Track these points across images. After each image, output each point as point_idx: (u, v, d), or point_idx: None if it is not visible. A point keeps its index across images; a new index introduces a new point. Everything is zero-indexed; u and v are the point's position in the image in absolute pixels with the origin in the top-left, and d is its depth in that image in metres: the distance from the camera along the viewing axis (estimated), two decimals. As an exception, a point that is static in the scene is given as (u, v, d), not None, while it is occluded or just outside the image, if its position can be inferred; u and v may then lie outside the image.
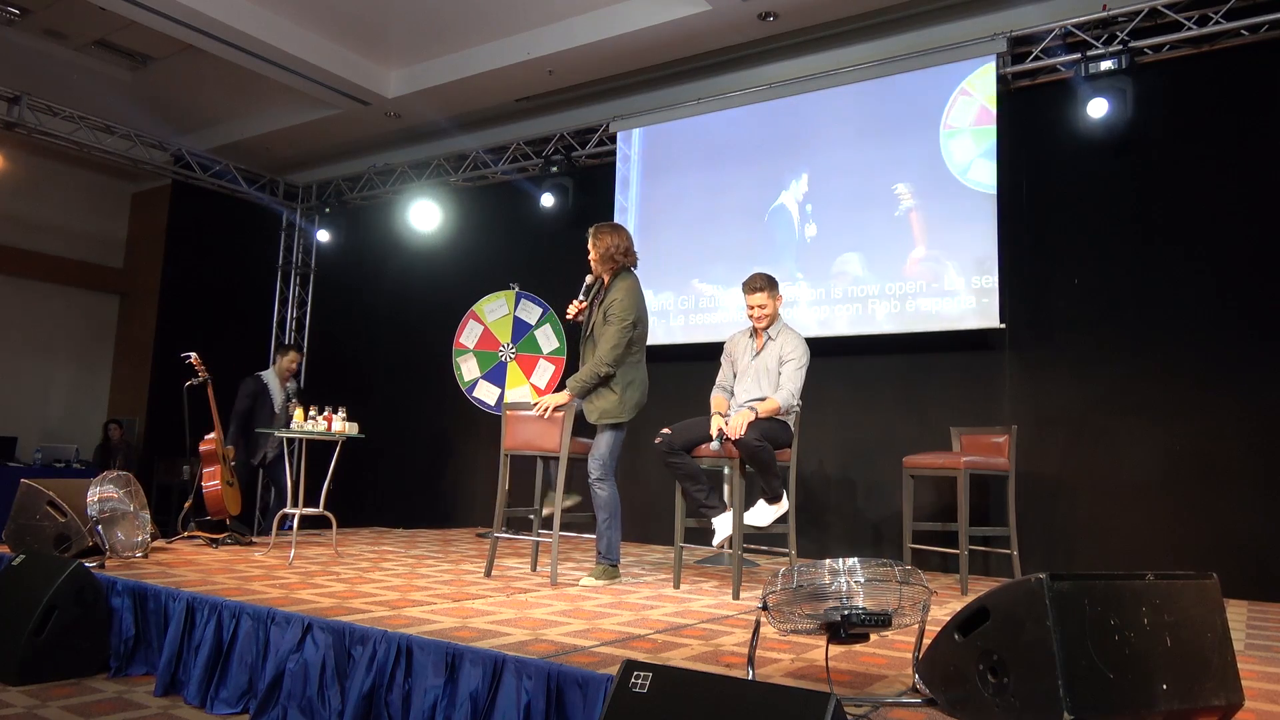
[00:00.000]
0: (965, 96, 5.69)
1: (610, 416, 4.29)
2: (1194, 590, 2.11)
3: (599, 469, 4.30)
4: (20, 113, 7.40)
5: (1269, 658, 3.07)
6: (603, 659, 2.54)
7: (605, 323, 4.31)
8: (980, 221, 5.51)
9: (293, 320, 9.53)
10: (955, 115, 5.73)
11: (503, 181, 8.02)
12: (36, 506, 4.23)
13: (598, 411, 4.31)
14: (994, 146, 5.53)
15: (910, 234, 5.78)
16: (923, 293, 5.65)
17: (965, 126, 5.67)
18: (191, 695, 3.12)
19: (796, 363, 4.19)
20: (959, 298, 5.52)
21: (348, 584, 3.87)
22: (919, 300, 5.66)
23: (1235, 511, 4.75)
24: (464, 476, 7.95)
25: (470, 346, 7.07)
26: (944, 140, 5.74)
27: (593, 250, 4.40)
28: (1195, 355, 4.98)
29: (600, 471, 4.29)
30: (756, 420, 3.96)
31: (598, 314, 4.37)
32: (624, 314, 4.25)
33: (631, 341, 4.31)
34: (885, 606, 2.14)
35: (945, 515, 5.05)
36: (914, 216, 5.78)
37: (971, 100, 5.67)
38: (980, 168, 5.57)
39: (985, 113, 5.60)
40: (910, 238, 5.77)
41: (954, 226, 5.62)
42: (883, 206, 5.90)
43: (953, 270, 5.56)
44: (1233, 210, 4.99)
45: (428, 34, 7.02)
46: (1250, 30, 4.96)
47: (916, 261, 5.73)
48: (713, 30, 6.24)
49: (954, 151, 5.69)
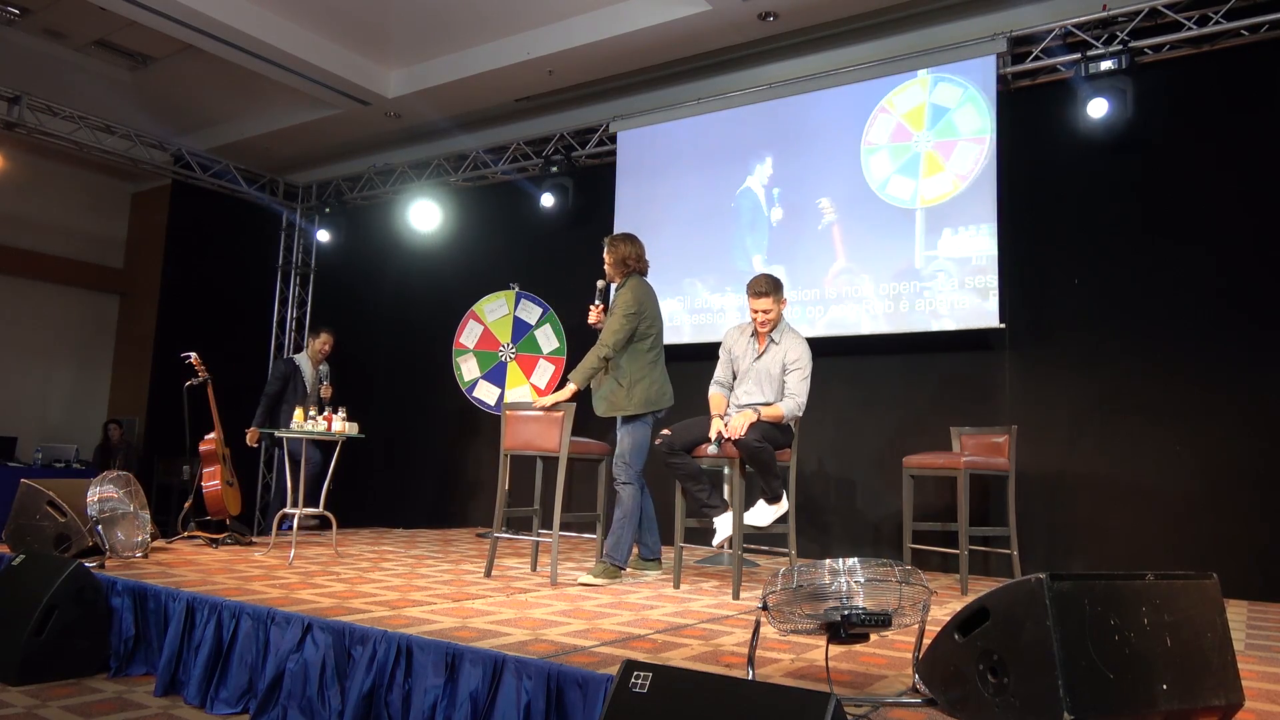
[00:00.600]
0: (884, 114, 5.95)
1: (618, 409, 4.42)
2: (1194, 590, 2.11)
3: (622, 471, 4.40)
4: (20, 113, 7.40)
5: (1269, 658, 3.07)
6: (603, 659, 2.54)
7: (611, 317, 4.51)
8: (899, 237, 5.77)
9: (293, 320, 9.53)
10: (875, 133, 5.98)
11: (503, 181, 8.02)
12: (36, 506, 4.23)
13: (605, 403, 4.48)
14: (913, 161, 5.81)
15: (832, 247, 6.05)
16: (923, 292, 5.65)
17: (883, 144, 5.92)
18: (191, 695, 3.12)
19: (803, 372, 4.15)
20: (959, 297, 5.52)
21: (348, 584, 3.87)
22: (919, 300, 5.66)
23: (1235, 511, 4.75)
24: (464, 476, 7.95)
25: (470, 346, 7.07)
26: (864, 156, 6.00)
27: (608, 257, 4.65)
28: (1195, 355, 4.98)
29: (624, 474, 4.39)
30: (757, 422, 3.96)
31: (609, 315, 4.57)
32: (627, 306, 4.45)
33: (640, 337, 4.47)
34: (885, 606, 2.14)
35: (945, 515, 5.05)
36: (836, 229, 6.08)
37: (890, 118, 5.93)
38: (898, 183, 5.83)
39: (902, 130, 5.87)
40: (832, 250, 6.04)
41: (873, 241, 5.89)
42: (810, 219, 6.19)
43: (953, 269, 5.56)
44: (1233, 210, 4.99)
45: (428, 34, 7.02)
46: (1250, 30, 4.96)
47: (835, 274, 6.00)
48: (713, 30, 6.24)
49: (873, 168, 5.94)
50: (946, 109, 5.77)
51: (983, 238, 5.48)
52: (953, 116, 5.74)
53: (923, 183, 5.75)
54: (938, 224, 5.67)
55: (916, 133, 5.84)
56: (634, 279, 4.60)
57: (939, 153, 5.75)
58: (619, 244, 4.64)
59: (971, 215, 5.55)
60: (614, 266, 4.64)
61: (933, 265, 5.65)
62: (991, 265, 5.41)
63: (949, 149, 5.72)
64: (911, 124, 5.87)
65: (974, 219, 5.53)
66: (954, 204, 5.62)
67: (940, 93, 5.81)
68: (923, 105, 5.84)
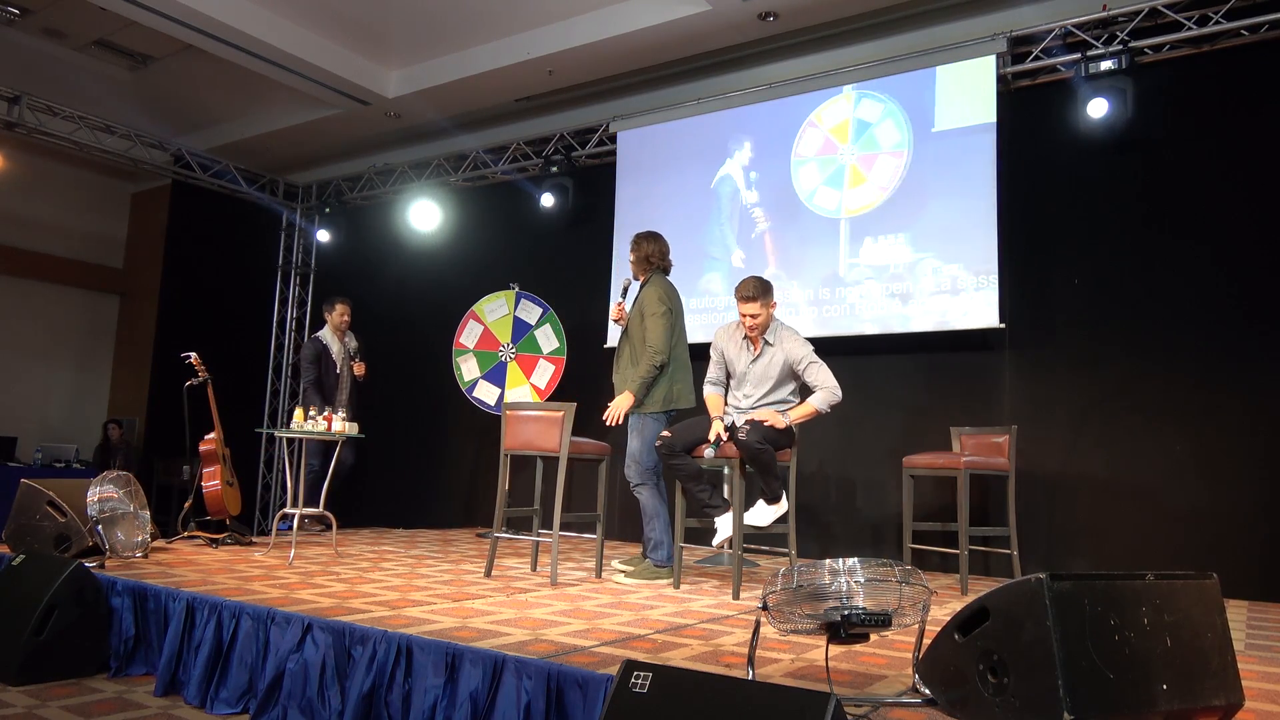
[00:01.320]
0: (812, 129, 6.23)
1: (635, 406, 4.46)
2: (1194, 590, 2.11)
3: (635, 473, 4.45)
4: (20, 113, 7.40)
5: (1269, 658, 3.07)
6: (603, 659, 2.54)
7: (642, 320, 4.54)
8: (824, 245, 6.06)
9: (293, 320, 9.53)
10: (803, 146, 6.26)
11: (503, 181, 8.02)
12: (36, 506, 4.23)
13: None
14: (838, 173, 6.08)
15: (764, 254, 6.30)
16: (923, 292, 5.65)
17: (811, 156, 6.20)
18: (191, 695, 3.12)
19: (817, 362, 4.11)
20: (959, 297, 5.52)
21: (348, 584, 3.87)
22: (919, 300, 5.66)
23: (1235, 511, 4.75)
24: (464, 476, 7.94)
25: (470, 346, 7.07)
26: (794, 168, 6.28)
27: (632, 255, 4.72)
28: (1196, 355, 4.98)
29: (638, 477, 4.43)
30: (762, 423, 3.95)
31: (634, 312, 4.62)
32: (655, 304, 4.50)
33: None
34: (885, 606, 2.14)
35: (945, 515, 5.05)
36: (768, 237, 6.33)
37: (818, 132, 6.20)
38: (824, 194, 6.11)
39: (830, 144, 6.15)
40: (764, 258, 6.28)
41: (801, 249, 6.17)
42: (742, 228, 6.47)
43: (952, 270, 5.56)
44: (1233, 210, 4.99)
45: (428, 34, 7.02)
46: (1250, 30, 4.96)
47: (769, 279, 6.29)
48: (713, 30, 6.24)
49: (802, 179, 6.21)
50: (869, 124, 6.05)
51: (901, 246, 5.77)
52: (874, 131, 6.01)
53: (847, 193, 6.05)
54: (860, 233, 5.96)
55: (842, 146, 6.13)
56: (658, 276, 4.66)
57: (861, 166, 6.03)
58: (643, 242, 4.71)
59: (891, 225, 5.84)
60: (638, 264, 4.70)
61: (855, 272, 5.93)
62: (992, 265, 5.41)
63: (870, 162, 6.00)
64: (838, 138, 6.15)
65: (894, 229, 5.82)
66: (875, 214, 5.91)
67: (864, 108, 6.08)
68: (848, 120, 6.14)
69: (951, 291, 5.57)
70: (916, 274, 5.70)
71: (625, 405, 4.46)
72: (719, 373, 4.40)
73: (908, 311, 5.70)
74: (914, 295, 5.68)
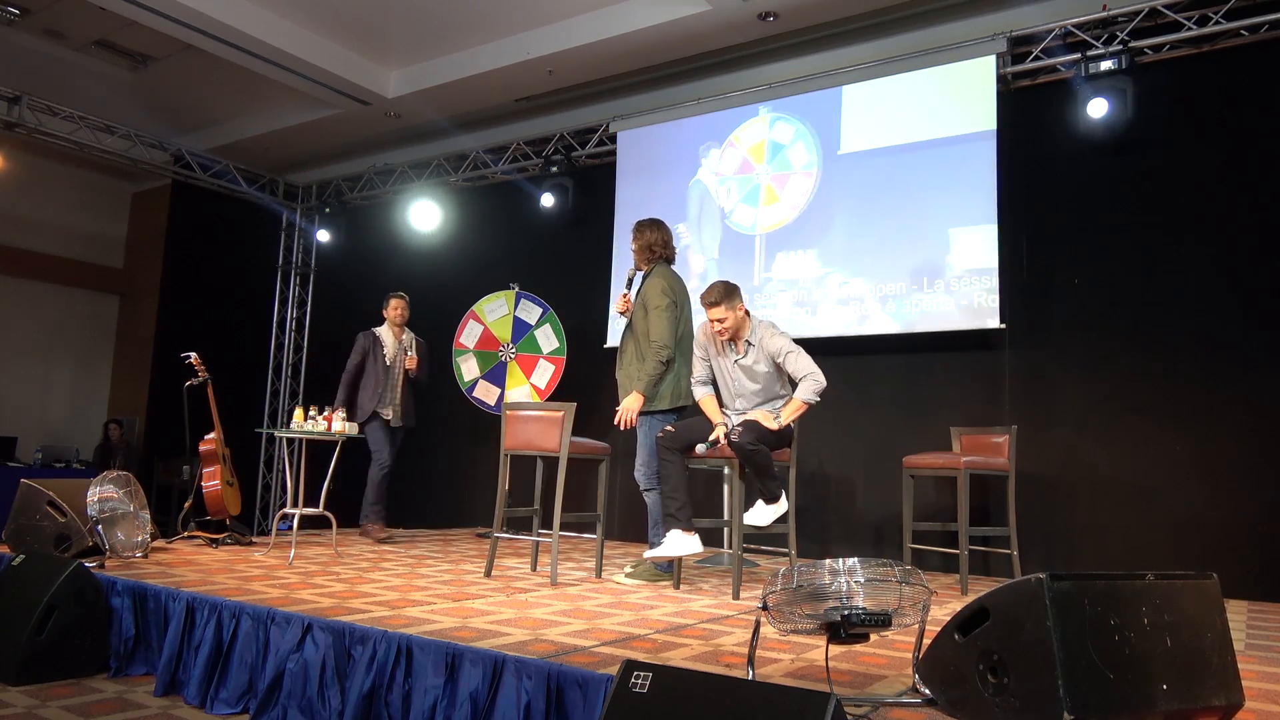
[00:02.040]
0: (731, 148, 6.56)
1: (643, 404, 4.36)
2: (1194, 590, 2.11)
3: (644, 477, 4.37)
4: (20, 113, 7.40)
5: (1269, 658, 3.07)
6: (603, 659, 2.54)
7: (646, 313, 4.41)
8: (743, 261, 6.33)
9: (293, 320, 9.53)
10: (723, 164, 6.58)
11: (503, 181, 8.02)
12: (36, 506, 4.23)
13: None
14: (754, 191, 6.38)
15: (688, 269, 6.40)
16: (923, 292, 5.65)
17: (730, 175, 6.51)
18: (191, 695, 3.12)
19: (796, 351, 4.05)
20: (959, 298, 5.52)
21: (348, 584, 3.87)
22: (919, 300, 5.66)
23: (1235, 512, 4.75)
24: (464, 476, 7.94)
25: (470, 346, 7.07)
26: (718, 183, 6.60)
27: (634, 244, 4.58)
28: (1196, 355, 4.98)
29: (648, 481, 4.34)
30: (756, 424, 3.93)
31: (638, 305, 4.49)
32: (658, 297, 4.37)
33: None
34: (885, 606, 2.14)
35: (945, 515, 5.05)
36: (690, 253, 6.58)
37: (736, 151, 6.53)
38: (742, 212, 6.44)
39: (747, 164, 6.48)
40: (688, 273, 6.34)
41: (721, 263, 6.45)
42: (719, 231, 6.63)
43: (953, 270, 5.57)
44: (1233, 210, 4.99)
45: (428, 34, 7.02)
46: (1250, 30, 4.96)
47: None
48: (713, 30, 6.24)
49: (720, 196, 6.53)
50: (782, 145, 6.35)
51: (810, 261, 6.08)
52: (787, 152, 6.31)
53: (761, 211, 6.38)
54: (774, 248, 6.26)
55: (758, 165, 6.41)
56: (661, 267, 4.52)
57: (775, 185, 6.33)
58: (645, 230, 4.55)
59: (801, 241, 6.14)
60: (640, 253, 4.54)
61: (769, 285, 6.23)
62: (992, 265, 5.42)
63: (783, 181, 6.29)
64: (754, 158, 6.45)
65: (804, 244, 6.13)
66: (787, 230, 6.21)
67: (778, 130, 6.38)
68: (763, 141, 6.43)
69: (858, 300, 5.80)
70: (825, 286, 6.02)
71: (636, 406, 4.30)
72: (705, 371, 4.28)
73: (814, 323, 5.98)
74: (820, 306, 6.01)
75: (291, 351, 9.52)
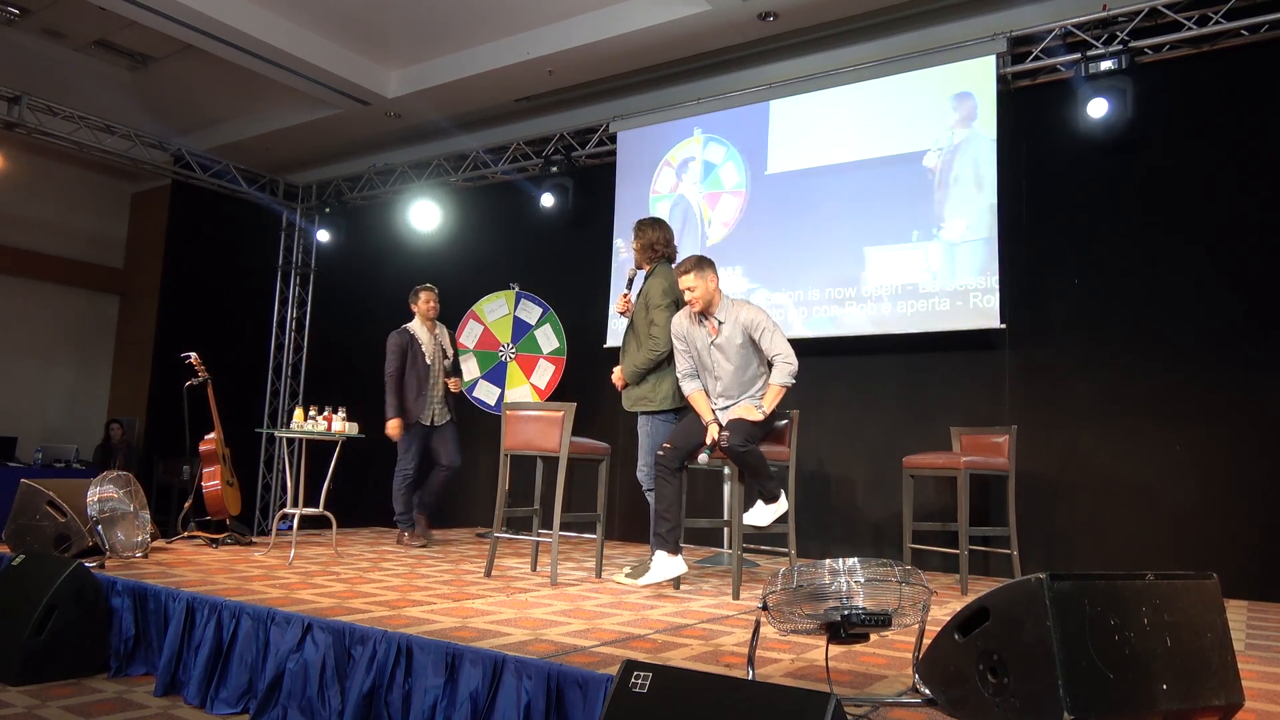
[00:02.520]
0: (667, 167, 6.76)
1: (644, 404, 4.39)
2: (1194, 590, 2.11)
3: (647, 477, 4.35)
4: (20, 113, 7.40)
5: (1269, 658, 3.07)
6: (603, 659, 2.54)
7: (646, 312, 4.41)
8: None
9: (293, 320, 9.53)
10: (660, 183, 6.79)
11: (503, 181, 8.02)
12: (36, 506, 4.23)
13: (633, 398, 4.44)
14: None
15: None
16: (922, 292, 5.65)
17: (665, 193, 6.75)
18: (191, 695, 3.12)
19: (770, 328, 4.00)
20: (959, 298, 5.52)
21: (348, 584, 3.87)
22: (919, 300, 5.66)
23: (1235, 511, 4.75)
24: (464, 476, 7.92)
25: (470, 346, 7.07)
26: (652, 204, 6.78)
27: (635, 243, 4.57)
28: (1195, 355, 4.98)
29: (650, 481, 4.31)
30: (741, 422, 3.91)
31: (639, 304, 4.48)
32: (659, 296, 4.37)
33: None
34: (885, 606, 2.14)
35: (945, 515, 5.05)
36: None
37: (670, 170, 6.75)
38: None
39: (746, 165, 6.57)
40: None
41: None
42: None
43: (952, 270, 5.57)
44: (1233, 210, 4.99)
45: (428, 34, 7.02)
46: (1250, 30, 4.96)
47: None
48: (713, 30, 6.24)
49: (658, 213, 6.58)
50: (714, 165, 6.54)
51: (738, 278, 6.27)
52: (719, 172, 6.50)
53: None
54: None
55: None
56: (663, 266, 4.48)
57: (707, 203, 6.53)
58: (646, 229, 4.53)
59: (733, 258, 6.31)
60: (641, 252, 4.51)
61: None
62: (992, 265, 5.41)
63: (715, 200, 6.50)
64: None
65: (734, 261, 6.31)
66: (719, 247, 6.35)
67: (710, 151, 6.58)
68: (697, 161, 6.62)
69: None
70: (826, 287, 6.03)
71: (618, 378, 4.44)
72: (689, 363, 4.21)
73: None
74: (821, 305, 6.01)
75: (291, 351, 9.52)
